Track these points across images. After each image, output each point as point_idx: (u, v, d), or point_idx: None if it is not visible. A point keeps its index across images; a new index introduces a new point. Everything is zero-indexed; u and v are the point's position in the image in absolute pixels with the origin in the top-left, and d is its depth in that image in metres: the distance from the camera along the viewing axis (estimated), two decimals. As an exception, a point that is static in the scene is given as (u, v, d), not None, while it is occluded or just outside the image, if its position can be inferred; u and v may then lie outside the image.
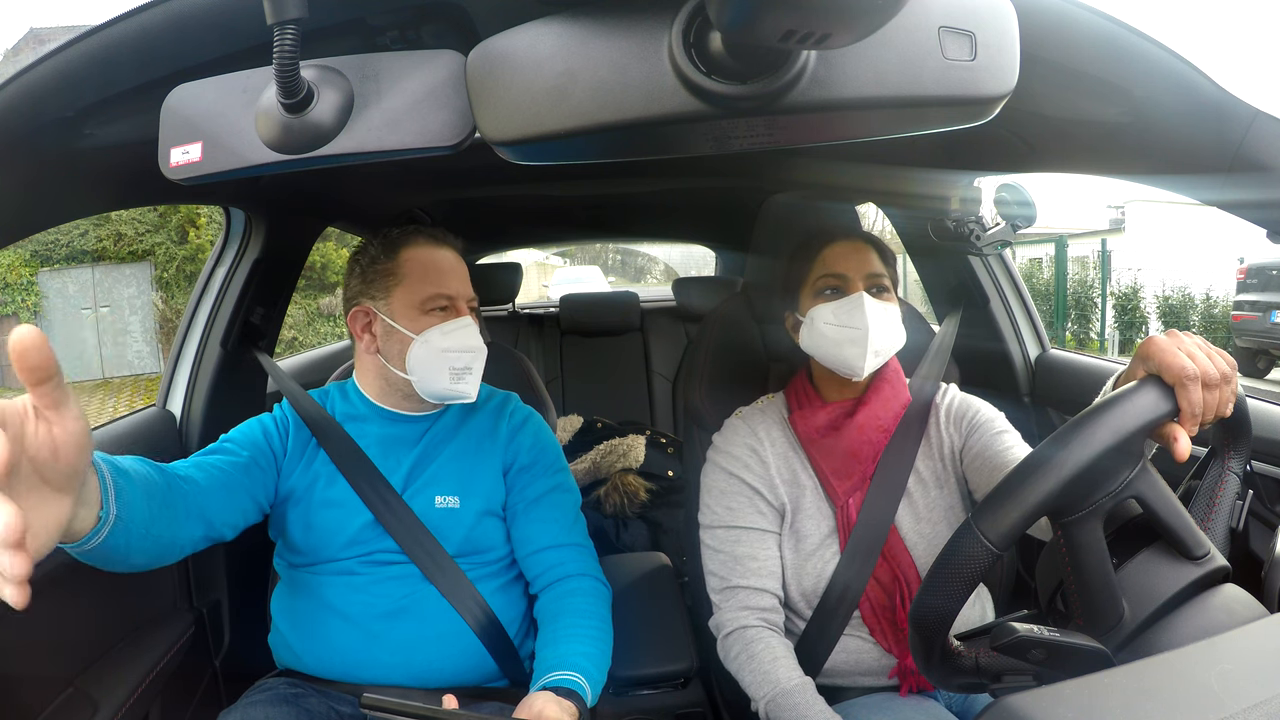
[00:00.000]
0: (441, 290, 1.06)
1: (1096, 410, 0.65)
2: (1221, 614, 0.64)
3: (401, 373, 1.06)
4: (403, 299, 1.06)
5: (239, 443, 1.05)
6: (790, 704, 0.94)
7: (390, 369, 1.07)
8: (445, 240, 1.12)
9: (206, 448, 1.04)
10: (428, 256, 1.08)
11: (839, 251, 1.07)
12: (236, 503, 0.98)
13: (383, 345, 1.08)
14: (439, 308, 1.06)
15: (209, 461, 0.98)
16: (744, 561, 1.06)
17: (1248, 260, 7.92)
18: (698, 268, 10.86)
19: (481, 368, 1.08)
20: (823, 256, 1.08)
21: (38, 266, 10.71)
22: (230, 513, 0.96)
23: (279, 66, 0.53)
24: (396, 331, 1.05)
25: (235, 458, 1.01)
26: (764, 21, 0.42)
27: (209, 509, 0.92)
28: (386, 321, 1.06)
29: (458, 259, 1.12)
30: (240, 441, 1.05)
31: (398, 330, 1.05)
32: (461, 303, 1.09)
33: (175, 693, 1.23)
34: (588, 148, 0.56)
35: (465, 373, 1.06)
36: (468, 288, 1.11)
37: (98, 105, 0.70)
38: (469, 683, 1.06)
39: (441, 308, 1.07)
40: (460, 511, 1.08)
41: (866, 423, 1.07)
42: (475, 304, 1.12)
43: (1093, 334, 10.66)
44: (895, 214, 1.70)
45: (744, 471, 1.09)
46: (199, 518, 0.90)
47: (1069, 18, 0.68)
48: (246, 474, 1.01)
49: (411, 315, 1.05)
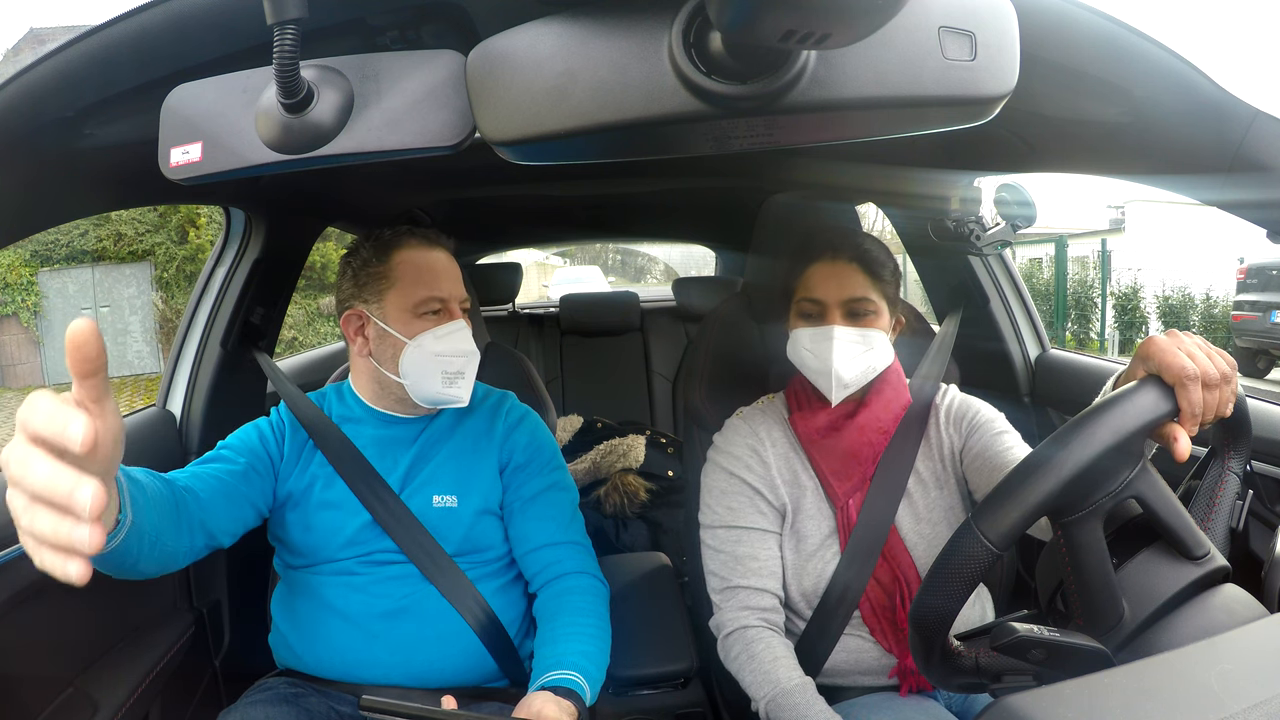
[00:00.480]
0: (434, 293, 1.05)
1: (1096, 410, 0.65)
2: (1221, 614, 0.64)
3: (395, 376, 1.06)
4: (395, 302, 1.05)
5: (236, 450, 1.05)
6: (790, 704, 0.94)
7: (384, 372, 1.07)
8: (438, 242, 1.11)
9: (204, 456, 1.04)
10: (420, 259, 1.07)
11: (819, 274, 1.05)
12: (236, 511, 0.98)
13: (375, 349, 1.07)
14: (432, 311, 1.06)
15: (208, 471, 0.98)
16: (744, 561, 1.06)
17: (1248, 260, 7.93)
18: (698, 268, 10.86)
19: (474, 371, 1.08)
20: (805, 277, 1.06)
21: (38, 266, 10.71)
22: (230, 521, 0.97)
23: (279, 66, 0.53)
24: (389, 335, 1.05)
25: (233, 465, 1.01)
26: (764, 21, 0.41)
27: (210, 520, 0.92)
28: (379, 325, 1.06)
29: (450, 260, 1.11)
30: (237, 449, 1.05)
31: (390, 334, 1.05)
32: (454, 305, 1.08)
33: (175, 693, 1.23)
34: (588, 148, 0.56)
35: (458, 377, 1.05)
36: (460, 289, 1.10)
37: (98, 105, 0.70)
38: (469, 682, 1.06)
39: (434, 311, 1.06)
40: (458, 511, 1.08)
41: (866, 424, 1.07)
42: (468, 305, 1.11)
43: (1093, 334, 10.66)
44: (895, 214, 1.70)
45: (745, 471, 1.09)
46: (200, 528, 0.90)
47: (1069, 18, 0.68)
48: (245, 481, 1.01)
49: (404, 319, 1.05)
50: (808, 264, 1.06)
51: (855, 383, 1.03)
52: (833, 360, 1.01)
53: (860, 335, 1.02)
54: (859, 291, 1.03)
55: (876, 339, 1.03)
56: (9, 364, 10.81)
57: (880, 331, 1.03)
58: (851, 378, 1.02)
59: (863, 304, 1.03)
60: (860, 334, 1.02)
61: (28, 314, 10.64)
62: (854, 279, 1.03)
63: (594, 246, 20.33)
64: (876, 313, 1.04)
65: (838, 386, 1.03)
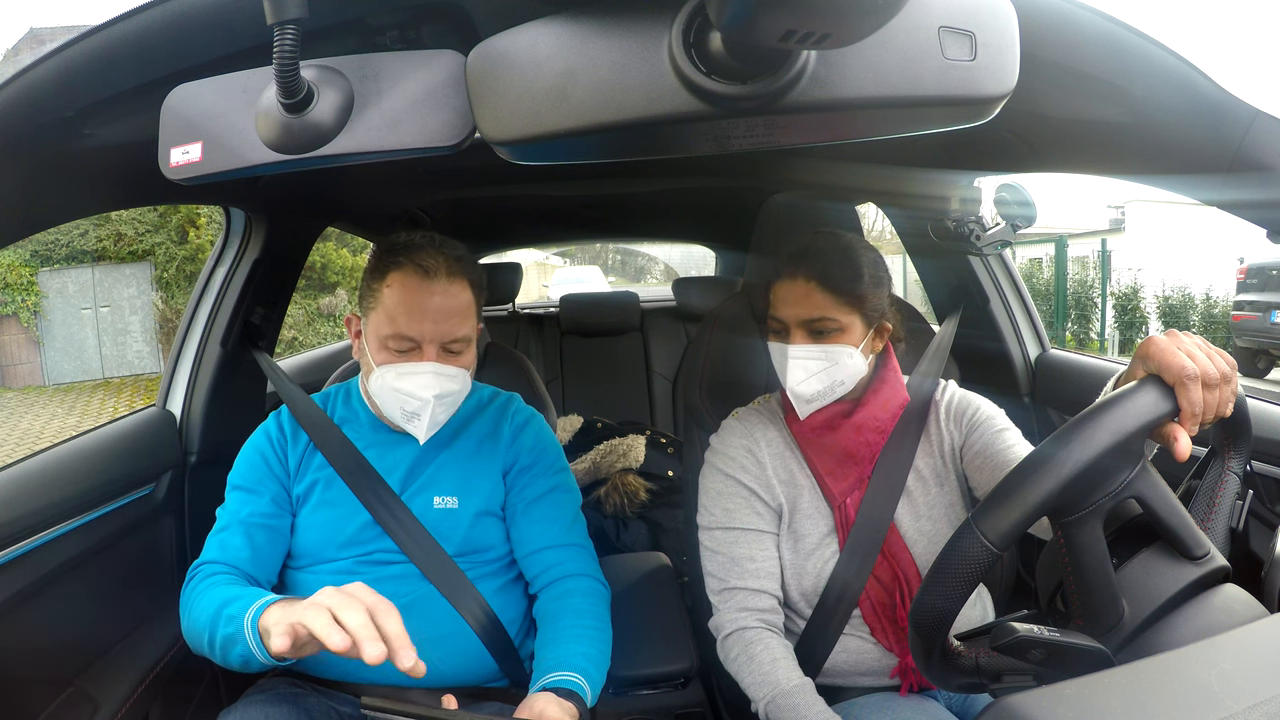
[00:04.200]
0: (404, 331, 1.00)
1: (1096, 410, 0.65)
2: (1221, 614, 0.64)
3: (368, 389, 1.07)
4: (373, 325, 1.03)
5: (253, 482, 1.07)
6: (790, 705, 0.94)
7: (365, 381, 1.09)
8: (439, 271, 1.01)
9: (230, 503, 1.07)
10: (408, 291, 1.00)
11: (781, 293, 1.04)
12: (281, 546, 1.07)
13: (361, 359, 1.08)
14: (399, 350, 1.01)
15: (256, 535, 1.04)
16: (742, 563, 1.06)
17: (1248, 260, 7.93)
18: (698, 268, 10.86)
19: (434, 415, 1.02)
20: (772, 292, 1.06)
21: (38, 266, 10.71)
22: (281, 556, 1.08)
23: (279, 66, 0.53)
24: (365, 353, 1.06)
25: (263, 507, 1.05)
26: (764, 21, 0.41)
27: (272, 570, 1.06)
28: (362, 340, 1.07)
29: (449, 293, 1.01)
30: (254, 481, 1.07)
31: (366, 353, 1.05)
32: (429, 346, 1.01)
33: (175, 693, 1.23)
34: (588, 148, 0.56)
35: (414, 417, 1.02)
36: (447, 327, 1.01)
37: (98, 105, 0.70)
38: (469, 682, 1.06)
39: (402, 350, 1.01)
40: (458, 512, 1.08)
41: (864, 423, 1.07)
42: (459, 346, 1.03)
43: (1093, 334, 10.66)
44: (895, 214, 1.70)
45: (740, 473, 1.09)
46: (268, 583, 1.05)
47: (1069, 18, 0.68)
48: (278, 516, 1.07)
49: (375, 344, 1.03)
50: (773, 281, 1.06)
51: (818, 398, 1.04)
52: (788, 378, 1.03)
53: (822, 352, 1.01)
54: (817, 311, 1.01)
55: (841, 354, 1.01)
56: (9, 364, 10.81)
57: (847, 346, 1.02)
58: (811, 393, 1.03)
59: (822, 323, 1.01)
60: (821, 350, 1.01)
61: (28, 314, 10.64)
62: (812, 299, 1.01)
63: (594, 246, 20.34)
64: (841, 329, 1.02)
65: (798, 402, 1.04)
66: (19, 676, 0.99)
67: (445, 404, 1.04)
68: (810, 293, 1.01)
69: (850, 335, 1.02)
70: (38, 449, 1.19)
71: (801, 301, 1.02)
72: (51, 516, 1.07)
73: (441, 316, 1.01)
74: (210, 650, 0.89)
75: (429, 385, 1.00)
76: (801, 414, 1.06)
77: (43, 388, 10.81)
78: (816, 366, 1.02)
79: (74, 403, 10.11)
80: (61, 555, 1.07)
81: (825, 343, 1.02)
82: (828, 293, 1.01)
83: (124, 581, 1.24)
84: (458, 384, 1.04)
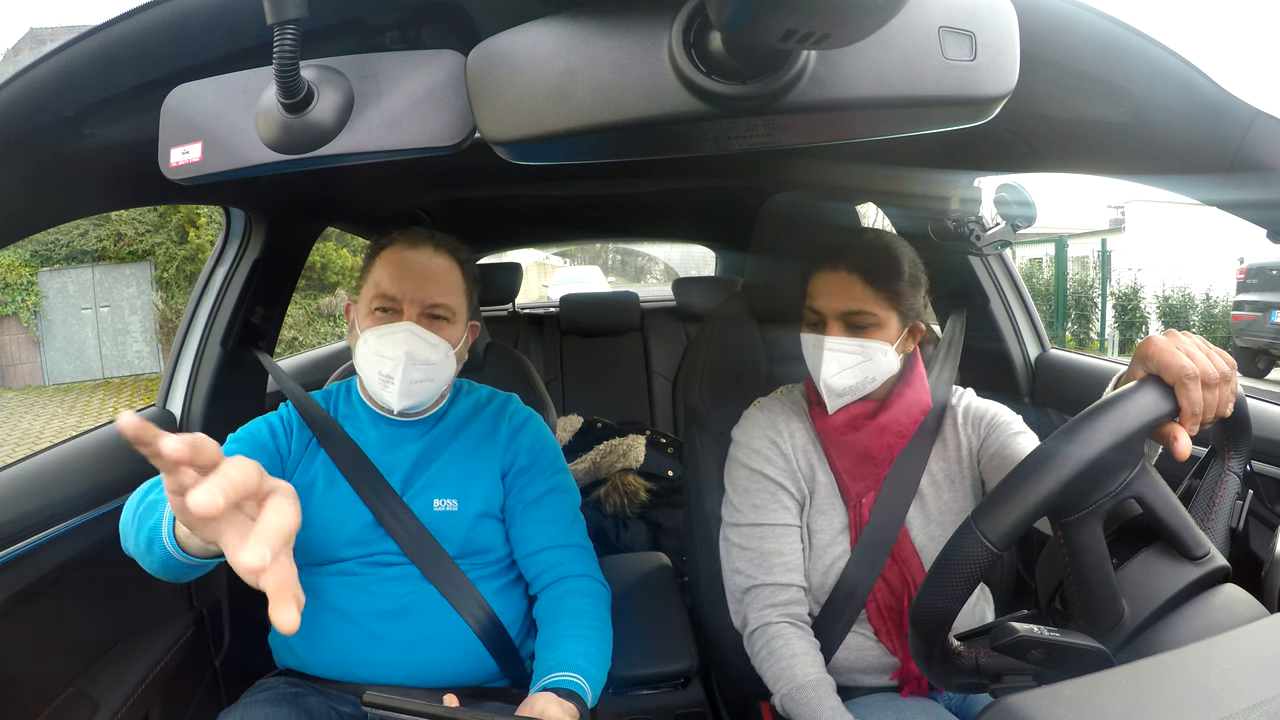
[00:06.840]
0: (385, 291, 1.02)
1: (1096, 410, 0.65)
2: (1221, 614, 0.64)
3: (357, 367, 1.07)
4: (363, 301, 1.06)
5: (249, 446, 1.06)
6: (804, 699, 0.95)
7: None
8: (425, 242, 1.06)
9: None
10: (396, 257, 1.05)
11: (820, 284, 1.04)
12: None
13: (352, 341, 1.09)
14: (381, 309, 1.03)
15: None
16: (769, 557, 1.07)
17: (1248, 260, 7.93)
18: (698, 268, 10.85)
19: (406, 378, 1.01)
20: (811, 284, 1.06)
21: (38, 266, 10.72)
22: None
23: (279, 66, 0.53)
24: (355, 329, 1.07)
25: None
26: (764, 21, 0.41)
27: None
28: (355, 323, 1.08)
29: (434, 261, 1.05)
30: (250, 445, 1.06)
31: (355, 328, 1.07)
32: (409, 306, 1.02)
33: (175, 693, 1.23)
34: (588, 148, 0.56)
35: (389, 381, 1.02)
36: (428, 290, 1.03)
37: (98, 105, 0.70)
38: (470, 683, 1.06)
39: (384, 309, 1.03)
40: (458, 514, 1.08)
41: (887, 425, 1.07)
42: (442, 313, 1.05)
43: (1093, 334, 10.67)
44: (895, 214, 1.70)
45: (765, 465, 1.09)
46: None
47: (1069, 18, 0.68)
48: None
49: (363, 315, 1.05)
50: (813, 270, 1.06)
51: (850, 392, 1.04)
52: (821, 370, 1.03)
53: (858, 346, 1.02)
54: (856, 304, 1.01)
55: (876, 349, 1.02)
56: (9, 364, 10.81)
57: (882, 343, 1.02)
58: (844, 387, 1.03)
59: (861, 316, 1.01)
60: (858, 345, 1.02)
61: (28, 314, 10.64)
62: (853, 290, 1.02)
63: (594, 246, 20.33)
64: (879, 324, 1.02)
65: (829, 395, 1.04)
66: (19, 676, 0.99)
67: (421, 370, 1.03)
68: (851, 285, 1.02)
69: (886, 332, 1.02)
70: (38, 449, 1.19)
71: (841, 293, 1.02)
72: (51, 516, 1.07)
73: (423, 278, 1.04)
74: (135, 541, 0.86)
75: (403, 341, 1.01)
76: (831, 408, 1.05)
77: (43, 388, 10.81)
78: (851, 360, 1.02)
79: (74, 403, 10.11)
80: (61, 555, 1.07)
81: (862, 337, 1.02)
82: (868, 286, 1.01)
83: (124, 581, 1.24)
84: (436, 355, 1.03)
